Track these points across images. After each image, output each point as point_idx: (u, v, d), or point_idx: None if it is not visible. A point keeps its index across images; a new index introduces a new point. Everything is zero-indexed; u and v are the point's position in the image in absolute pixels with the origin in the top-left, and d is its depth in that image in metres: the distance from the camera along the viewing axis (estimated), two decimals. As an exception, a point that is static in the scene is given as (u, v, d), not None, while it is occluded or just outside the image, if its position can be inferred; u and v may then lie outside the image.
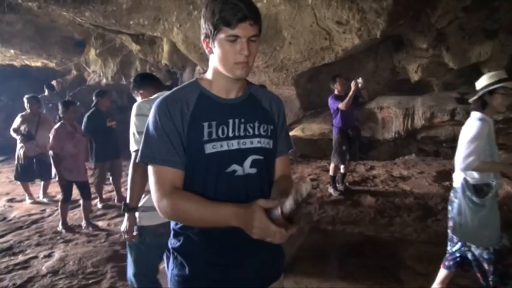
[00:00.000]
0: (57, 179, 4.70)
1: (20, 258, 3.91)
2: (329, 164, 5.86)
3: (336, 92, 5.51)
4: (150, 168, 1.25)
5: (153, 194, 1.24)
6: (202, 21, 1.21)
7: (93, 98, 5.66)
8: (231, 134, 1.27)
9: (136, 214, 2.11)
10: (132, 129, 2.09)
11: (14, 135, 5.90)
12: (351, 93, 5.19)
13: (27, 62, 12.29)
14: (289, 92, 7.77)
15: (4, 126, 10.93)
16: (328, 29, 6.01)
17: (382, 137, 7.78)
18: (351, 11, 5.47)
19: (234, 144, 1.27)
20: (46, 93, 8.54)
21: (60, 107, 4.78)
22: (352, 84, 5.19)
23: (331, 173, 5.65)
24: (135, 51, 10.14)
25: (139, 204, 2.12)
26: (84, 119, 5.39)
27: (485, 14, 6.14)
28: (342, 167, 5.64)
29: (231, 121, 1.28)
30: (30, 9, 8.44)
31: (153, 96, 2.31)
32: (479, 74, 6.73)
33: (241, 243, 1.25)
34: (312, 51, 6.46)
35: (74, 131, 4.74)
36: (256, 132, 1.32)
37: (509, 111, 6.10)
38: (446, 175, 6.16)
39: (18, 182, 6.23)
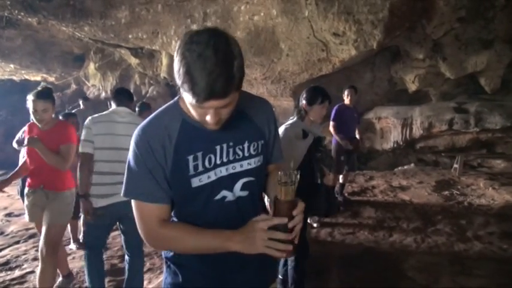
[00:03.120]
0: None
1: (17, 273, 3.87)
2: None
3: (345, 101, 5.51)
4: (134, 203, 1.20)
5: (139, 228, 1.21)
6: (175, 60, 1.02)
7: (136, 109, 5.19)
8: (218, 161, 1.20)
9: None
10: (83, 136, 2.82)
11: (17, 147, 5.84)
12: (339, 140, 5.27)
13: (27, 77, 12.37)
14: (288, 104, 7.79)
15: (3, 141, 10.95)
16: (325, 41, 6.06)
17: (381, 147, 7.79)
18: (347, 22, 5.53)
19: (223, 171, 1.21)
20: (82, 106, 8.42)
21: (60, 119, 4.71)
22: (344, 142, 5.24)
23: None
24: (134, 64, 10.21)
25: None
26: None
27: (481, 24, 6.20)
28: (340, 177, 5.63)
29: (218, 147, 1.19)
30: (30, 25, 8.53)
31: None
32: (476, 84, 6.84)
33: (234, 256, 1.19)
34: (310, 62, 6.51)
35: (77, 143, 4.60)
36: (246, 154, 1.25)
37: (506, 120, 6.13)
38: (445, 185, 6.16)
39: (18, 197, 6.18)
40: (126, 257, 3.03)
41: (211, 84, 0.95)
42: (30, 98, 2.84)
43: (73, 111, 6.63)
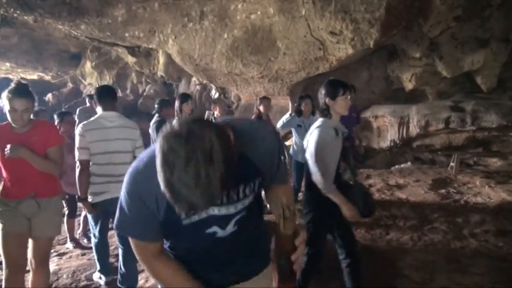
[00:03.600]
0: None
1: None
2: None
3: None
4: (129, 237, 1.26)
5: (136, 255, 1.29)
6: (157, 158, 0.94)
7: (156, 106, 4.94)
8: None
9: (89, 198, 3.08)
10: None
11: None
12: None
13: (23, 75, 12.33)
14: (285, 102, 7.79)
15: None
16: (322, 40, 6.07)
17: (377, 146, 7.80)
18: (344, 21, 5.53)
19: (215, 210, 1.20)
20: (88, 104, 8.12)
21: (55, 118, 4.67)
22: None
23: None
24: (131, 63, 10.19)
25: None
26: (151, 129, 4.66)
27: (477, 23, 6.22)
28: None
29: None
30: (26, 23, 8.50)
31: None
32: (472, 83, 6.85)
33: (222, 253, 1.30)
34: (306, 61, 6.51)
35: (72, 142, 4.52)
36: (241, 196, 1.23)
37: (502, 118, 6.15)
38: (442, 183, 6.18)
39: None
40: (120, 250, 3.13)
41: (192, 202, 0.92)
42: (6, 96, 2.48)
43: (79, 108, 6.65)
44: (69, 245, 4.57)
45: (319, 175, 2.47)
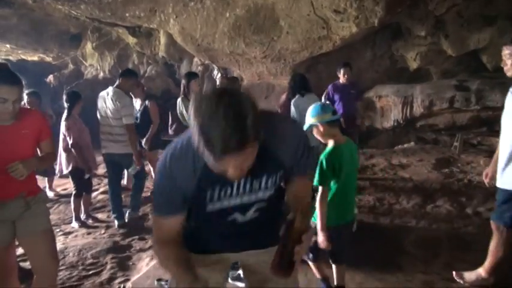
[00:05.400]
0: (59, 174, 4.83)
1: (20, 251, 3.88)
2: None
3: (340, 79, 5.52)
4: (152, 216, 1.44)
5: (154, 233, 1.42)
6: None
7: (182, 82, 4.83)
8: (234, 192, 1.30)
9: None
10: None
11: None
12: None
13: (24, 57, 12.24)
14: (287, 83, 7.73)
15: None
16: (325, 18, 5.97)
17: (381, 126, 7.78)
18: (348, -1, 5.43)
19: (237, 200, 1.32)
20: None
21: (65, 102, 4.61)
22: None
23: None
24: (132, 44, 10.09)
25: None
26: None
27: (484, 1, 6.11)
28: None
29: (236, 181, 1.27)
30: (25, 3, 8.37)
31: None
32: (478, 61, 6.76)
33: (236, 233, 1.46)
34: (310, 40, 6.42)
35: (82, 122, 4.59)
36: (263, 186, 1.33)
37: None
38: (445, 162, 6.18)
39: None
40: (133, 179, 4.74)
41: (225, 140, 0.95)
42: None
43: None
44: (75, 224, 4.62)
45: None
